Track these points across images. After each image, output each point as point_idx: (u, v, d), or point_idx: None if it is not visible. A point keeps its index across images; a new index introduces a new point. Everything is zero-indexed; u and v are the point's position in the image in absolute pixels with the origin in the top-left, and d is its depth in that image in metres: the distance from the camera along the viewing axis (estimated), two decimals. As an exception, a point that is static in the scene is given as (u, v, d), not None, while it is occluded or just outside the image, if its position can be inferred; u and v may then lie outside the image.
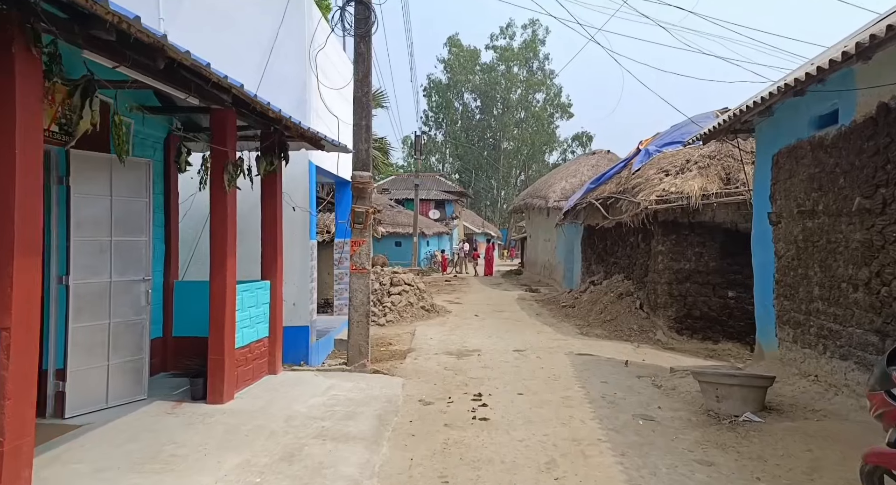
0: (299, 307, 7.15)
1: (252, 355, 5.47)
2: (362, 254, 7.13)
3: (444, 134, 60.80)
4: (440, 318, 12.07)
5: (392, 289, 12.01)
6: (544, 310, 13.42)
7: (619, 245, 12.40)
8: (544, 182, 19.77)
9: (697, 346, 9.58)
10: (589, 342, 9.52)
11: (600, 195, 11.94)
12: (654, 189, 9.66)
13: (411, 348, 8.73)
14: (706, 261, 9.79)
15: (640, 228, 10.74)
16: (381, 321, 11.25)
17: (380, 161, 24.39)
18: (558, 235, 18.31)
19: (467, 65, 57.99)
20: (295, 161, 7.11)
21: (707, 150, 10.12)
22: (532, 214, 22.65)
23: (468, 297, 16.47)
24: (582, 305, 12.31)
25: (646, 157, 10.89)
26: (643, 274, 10.81)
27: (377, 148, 24.27)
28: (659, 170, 10.04)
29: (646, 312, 10.52)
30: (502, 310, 13.56)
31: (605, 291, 12.07)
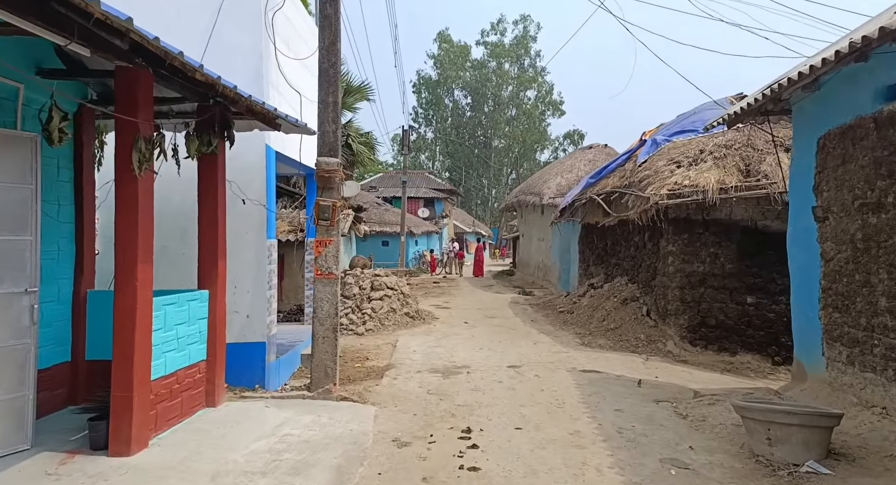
0: (254, 320, 6.00)
1: (180, 386, 4.31)
2: (329, 256, 5.98)
3: (434, 131, 59.66)
4: (426, 326, 10.94)
5: (373, 294, 10.86)
6: (540, 316, 12.34)
7: (622, 245, 11.35)
8: (538, 178, 18.71)
9: (713, 358, 8.54)
10: (592, 355, 8.44)
11: (602, 190, 10.87)
12: (664, 182, 8.60)
13: (391, 364, 7.60)
14: (722, 263, 8.75)
15: (646, 226, 9.69)
16: (360, 330, 10.10)
17: (365, 157, 23.22)
18: (553, 234, 17.26)
19: (457, 61, 56.92)
20: (247, 145, 5.96)
21: (723, 139, 9.08)
22: (525, 212, 21.58)
23: (457, 301, 15.35)
24: (581, 311, 11.24)
25: (653, 147, 9.84)
26: (650, 277, 9.76)
27: (363, 143, 23.13)
28: (669, 161, 8.99)
29: (654, 320, 9.47)
30: (494, 316, 12.45)
31: (606, 295, 11.00)
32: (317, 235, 6.01)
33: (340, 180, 6.12)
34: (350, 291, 10.80)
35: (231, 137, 4.93)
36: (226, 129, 4.86)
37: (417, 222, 30.42)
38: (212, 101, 4.71)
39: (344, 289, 10.94)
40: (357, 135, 23.26)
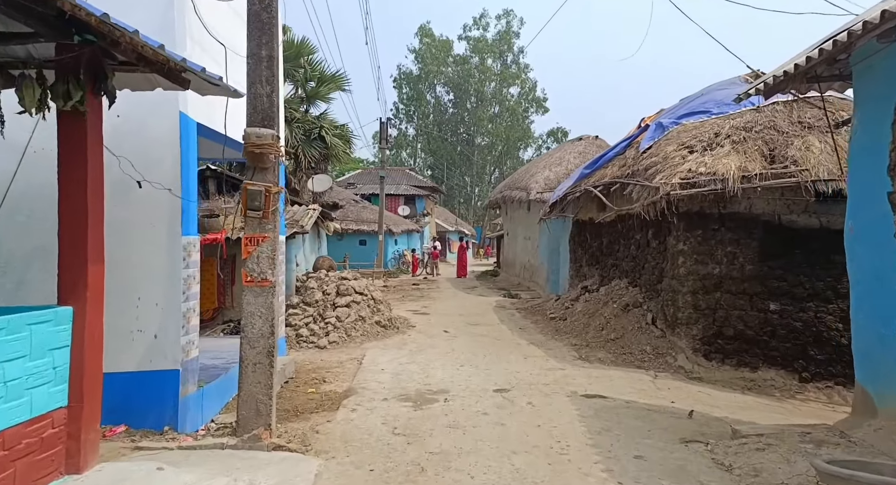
0: (164, 341, 4.58)
1: (11, 453, 2.89)
2: (262, 257, 4.60)
3: (416, 127, 58.22)
4: (400, 336, 9.58)
5: (338, 300, 9.46)
6: (529, 323, 11.05)
7: (621, 243, 10.11)
8: (525, 172, 17.45)
9: (731, 374, 7.35)
10: (593, 373, 7.17)
11: (599, 181, 9.61)
12: (675, 170, 7.36)
13: (352, 389, 6.22)
14: (741, 264, 7.55)
15: (651, 222, 8.46)
16: (322, 343, 8.69)
17: (340, 150, 21.81)
18: (541, 233, 16.02)
19: (439, 56, 55.55)
20: (153, 112, 4.56)
21: (741, 120, 7.88)
22: (510, 208, 20.31)
23: (437, 305, 14.00)
24: (576, 318, 9.98)
25: (658, 131, 8.62)
26: (656, 280, 8.52)
27: (338, 136, 21.70)
28: (680, 146, 7.76)
29: (660, 329, 8.24)
30: (478, 323, 11.14)
31: (604, 300, 9.76)
32: (246, 230, 4.62)
33: (277, 159, 4.74)
34: (312, 296, 9.39)
35: (108, 91, 3.51)
36: (98, 79, 3.44)
37: (397, 221, 29.01)
38: (77, 40, 3.30)
39: (305, 294, 9.54)
40: (331, 127, 21.83)
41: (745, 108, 8.05)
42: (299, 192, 21.26)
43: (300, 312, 9.18)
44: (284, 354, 7.76)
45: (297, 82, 22.40)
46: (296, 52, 21.65)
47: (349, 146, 22.99)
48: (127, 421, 4.43)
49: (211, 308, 9.34)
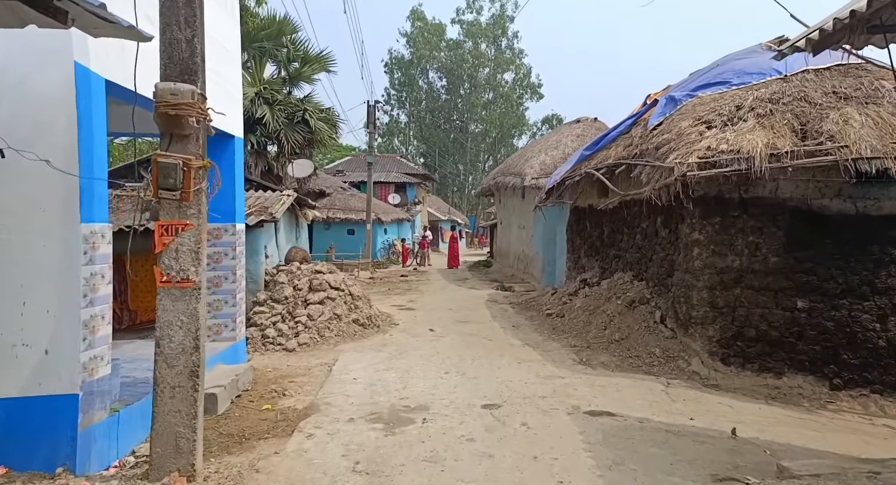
0: (58, 357, 3.58)
1: None
2: (182, 251, 3.60)
3: (408, 114, 56.92)
4: (380, 336, 8.61)
5: (311, 296, 8.47)
6: (523, 319, 10.11)
7: (624, 232, 9.16)
8: (520, 156, 16.42)
9: (752, 381, 6.45)
10: (597, 380, 6.24)
11: (602, 163, 8.62)
12: (691, 148, 6.39)
13: (314, 405, 5.27)
14: (764, 255, 6.62)
15: (660, 208, 7.51)
16: (291, 344, 7.72)
17: (326, 135, 20.71)
18: (536, 221, 15.05)
19: (431, 40, 54.11)
20: (39, 61, 3.52)
21: (765, 91, 6.90)
22: (504, 195, 19.32)
23: (425, 299, 13.04)
24: (575, 315, 9.04)
25: (670, 105, 7.62)
26: (665, 273, 7.59)
27: (323, 119, 20.60)
28: (697, 121, 6.77)
29: (670, 329, 7.31)
30: (467, 319, 10.19)
31: (606, 295, 8.82)
32: (161, 216, 3.61)
33: (203, 123, 3.72)
34: (281, 292, 8.39)
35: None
36: None
37: (387, 209, 27.97)
38: None
39: (274, 290, 8.54)
40: (316, 110, 20.72)
41: (770, 77, 7.07)
42: (283, 178, 20.23)
43: (267, 309, 8.19)
44: (244, 361, 6.79)
45: (280, 63, 21.23)
46: (277, 30, 20.46)
47: (335, 131, 21.89)
48: (7, 462, 3.45)
49: (167, 306, 8.32)
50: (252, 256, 8.95)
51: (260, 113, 18.88)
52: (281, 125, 19.56)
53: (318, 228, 26.23)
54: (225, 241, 6.61)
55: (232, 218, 6.64)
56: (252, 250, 8.96)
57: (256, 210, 9.13)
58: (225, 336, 6.57)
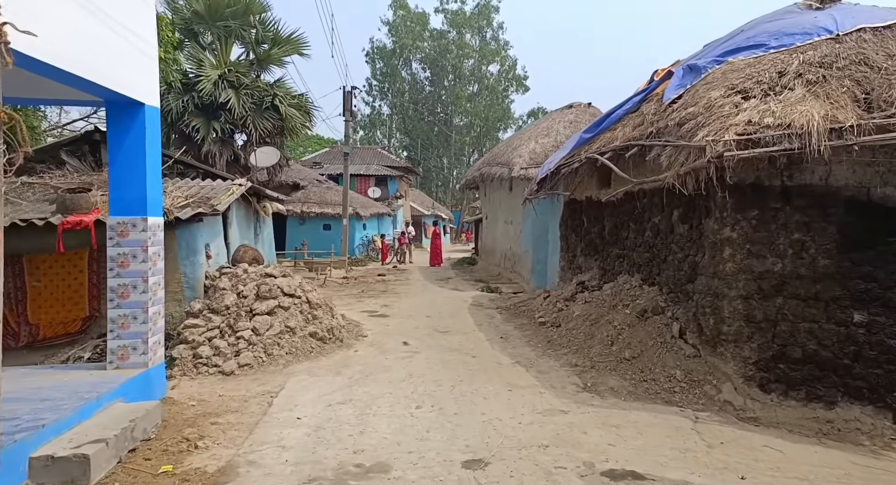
0: None
1: None
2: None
3: (390, 105, 55.23)
4: (342, 353, 7.20)
5: (258, 305, 7.02)
6: (512, 328, 8.76)
7: (630, 228, 7.85)
8: (507, 145, 15.02)
9: (799, 414, 5.18)
10: (610, 418, 4.90)
11: (608, 145, 7.25)
12: (726, 123, 5.06)
13: (231, 466, 3.84)
14: (812, 257, 5.34)
15: (677, 199, 6.22)
16: (229, 366, 6.27)
17: (298, 123, 19.20)
18: (525, 216, 13.71)
19: (415, 29, 52.44)
20: None
21: (814, 54, 5.60)
22: (490, 188, 17.94)
23: (402, 303, 11.62)
24: (573, 324, 7.71)
25: (691, 75, 6.30)
26: (685, 278, 6.28)
27: (295, 106, 19.07)
28: (729, 90, 5.45)
29: (692, 346, 6.01)
30: (448, 329, 8.81)
31: (610, 301, 7.51)
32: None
33: None
34: (221, 301, 6.93)
35: None
36: None
37: (366, 203, 26.47)
38: None
39: (213, 298, 7.08)
40: (287, 96, 19.16)
41: (818, 37, 5.77)
42: (251, 169, 18.68)
43: (202, 322, 6.72)
44: (161, 394, 5.33)
45: (248, 44, 19.60)
46: (244, 8, 18.83)
47: (309, 119, 20.31)
48: None
49: (80, 317, 6.84)
50: (189, 257, 7.48)
51: (224, 97, 17.29)
52: (248, 111, 17.98)
53: (291, 223, 24.64)
54: (133, 239, 5.14)
55: (142, 209, 5.17)
56: (189, 250, 7.49)
57: (195, 201, 7.64)
58: (132, 362, 5.11)
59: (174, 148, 18.60)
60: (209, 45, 19.06)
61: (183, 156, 18.47)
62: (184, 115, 17.12)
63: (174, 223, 7.13)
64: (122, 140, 5.12)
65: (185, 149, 18.14)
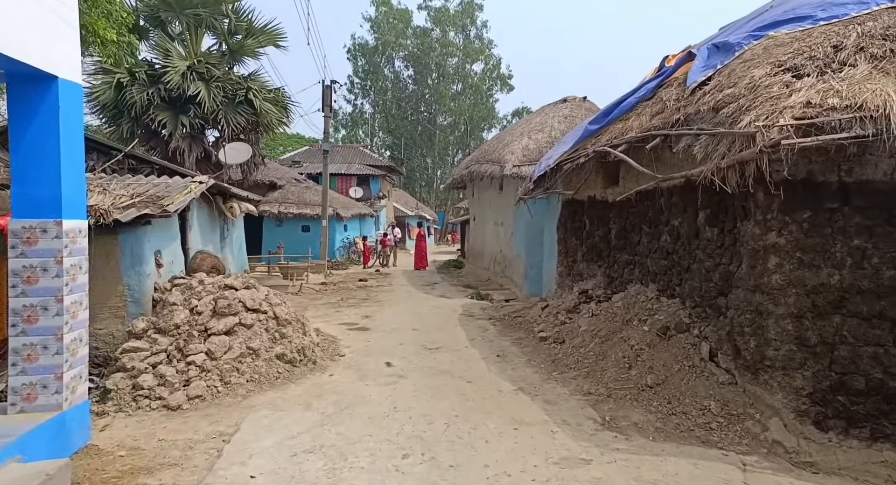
0: None
1: None
2: None
3: (373, 104, 54.06)
4: (315, 377, 6.16)
5: (213, 323, 5.95)
6: (509, 343, 7.80)
7: (643, 232, 6.95)
8: (498, 142, 14.07)
9: (864, 457, 4.31)
10: (642, 469, 3.95)
11: (621, 137, 6.31)
12: (778, 105, 4.16)
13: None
14: (876, 268, 4.48)
15: (705, 198, 5.33)
16: (176, 399, 5.19)
17: (274, 118, 18.05)
18: (517, 217, 12.80)
19: (397, 26, 51.37)
20: None
21: (874, 25, 4.73)
22: (478, 188, 16.99)
23: (385, 313, 10.59)
24: (580, 341, 6.78)
25: (721, 55, 5.41)
26: (715, 290, 5.38)
27: (270, 100, 17.94)
28: (776, 67, 4.56)
29: (727, 371, 5.12)
30: (438, 345, 7.82)
31: (622, 315, 6.59)
32: None
33: None
34: (170, 319, 5.85)
35: None
36: None
37: (347, 203, 25.34)
38: None
39: (161, 315, 6.00)
40: (262, 90, 18.02)
41: (878, 6, 4.92)
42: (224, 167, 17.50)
43: (146, 345, 5.64)
44: (81, 442, 4.25)
45: (220, 35, 18.40)
46: (217, -5, 17.64)
47: (285, 114, 19.16)
48: None
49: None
50: (134, 267, 6.39)
51: (193, 90, 16.07)
52: (219, 105, 16.79)
53: (268, 224, 23.42)
54: (43, 248, 4.06)
55: (55, 210, 4.09)
56: (135, 258, 6.40)
57: (143, 201, 6.55)
58: (41, 404, 4.03)
59: (140, 144, 17.33)
60: (178, 36, 17.82)
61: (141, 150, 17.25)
62: (149, 109, 15.87)
63: (115, 227, 6.05)
64: (29, 122, 4.04)
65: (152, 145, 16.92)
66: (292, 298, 11.94)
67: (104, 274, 6.29)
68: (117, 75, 16.01)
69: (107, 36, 9.78)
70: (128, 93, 15.88)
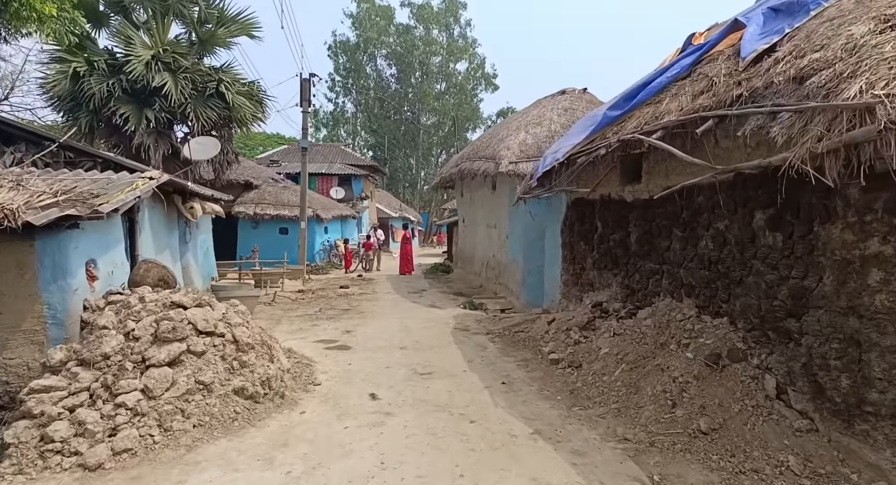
0: None
1: None
2: None
3: (354, 102, 52.69)
4: (281, 418, 4.97)
5: (153, 352, 4.72)
6: (515, 367, 6.67)
7: (675, 236, 5.90)
8: (492, 136, 12.94)
9: None
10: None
11: (658, 121, 5.22)
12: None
13: None
14: None
15: (770, 195, 4.28)
16: (96, 456, 3.96)
17: (247, 113, 16.69)
18: (512, 218, 11.73)
19: (379, 23, 50.10)
20: None
21: None
22: (469, 187, 15.87)
23: (368, 327, 9.40)
24: (601, 366, 5.69)
25: (783, 19, 4.39)
26: (782, 309, 4.33)
27: (244, 93, 16.59)
28: (882, 23, 3.54)
29: (802, 414, 4.06)
30: (431, 368, 6.66)
31: (653, 336, 5.52)
32: None
33: None
34: (97, 347, 4.61)
35: None
36: None
37: (327, 204, 24.03)
38: None
39: (87, 342, 4.75)
40: (235, 82, 16.65)
41: None
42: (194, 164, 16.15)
43: (63, 382, 4.40)
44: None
45: (189, 23, 17.00)
46: (185, -18, 16.28)
47: (261, 109, 17.79)
48: None
49: None
50: (57, 281, 5.15)
51: (159, 80, 14.64)
52: (187, 98, 15.36)
53: (244, 226, 22.01)
54: None
55: None
56: (57, 270, 5.16)
57: (69, 200, 5.29)
58: None
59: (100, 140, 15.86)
60: (143, 24, 16.41)
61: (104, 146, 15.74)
62: (109, 102, 14.44)
63: (31, 232, 4.81)
64: None
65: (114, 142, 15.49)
66: (264, 310, 10.68)
67: (17, 290, 5.03)
68: (73, 64, 14.59)
69: (45, 10, 8.47)
70: (85, 83, 14.44)
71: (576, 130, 7.75)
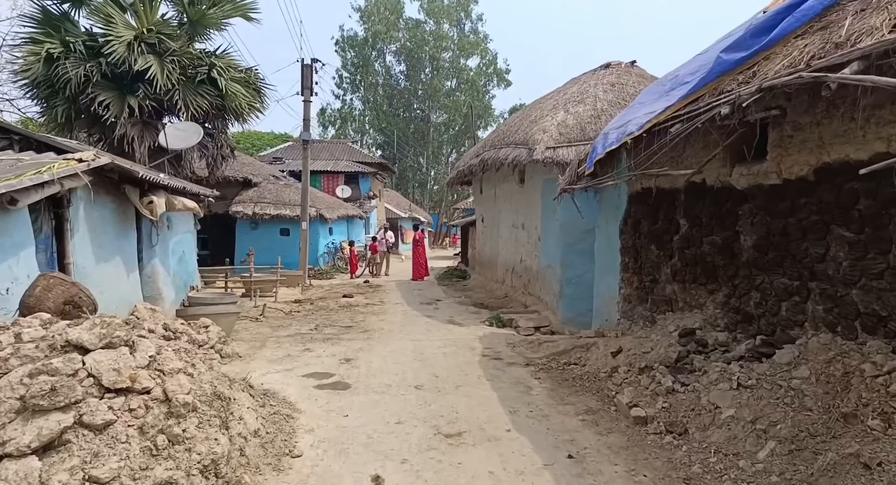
0: None
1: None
2: None
3: (362, 100, 50.96)
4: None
5: (13, 432, 2.81)
6: (578, 422, 4.71)
7: (836, 237, 3.93)
8: (523, 118, 10.88)
9: None
10: None
11: (839, 49, 3.27)
12: None
13: None
14: None
15: None
16: None
17: (243, 102, 14.84)
18: (546, 216, 9.78)
19: (388, 18, 48.34)
20: None
21: None
22: (490, 181, 13.90)
23: (374, 353, 7.44)
24: (723, 435, 3.73)
25: None
26: None
27: (239, 80, 14.75)
28: None
29: None
30: (459, 427, 4.71)
31: (825, 399, 3.53)
32: None
33: None
34: None
35: None
36: None
37: (332, 203, 22.19)
38: None
39: None
40: (229, 68, 14.82)
41: None
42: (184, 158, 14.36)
43: None
44: None
45: (178, 3, 15.20)
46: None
47: (258, 98, 15.93)
48: None
49: None
50: None
51: (143, 64, 12.83)
52: (175, 84, 13.51)
53: (242, 227, 20.20)
54: None
55: None
56: None
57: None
58: None
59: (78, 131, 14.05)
60: (130, 6, 14.66)
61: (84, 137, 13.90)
62: (87, 88, 12.64)
63: None
64: None
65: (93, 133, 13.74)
66: (248, 328, 8.80)
67: None
68: (46, 45, 12.83)
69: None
70: (60, 67, 12.67)
71: (648, 97, 5.78)
